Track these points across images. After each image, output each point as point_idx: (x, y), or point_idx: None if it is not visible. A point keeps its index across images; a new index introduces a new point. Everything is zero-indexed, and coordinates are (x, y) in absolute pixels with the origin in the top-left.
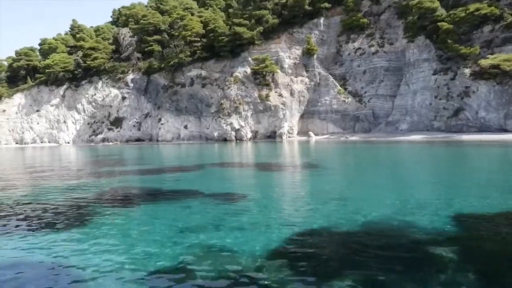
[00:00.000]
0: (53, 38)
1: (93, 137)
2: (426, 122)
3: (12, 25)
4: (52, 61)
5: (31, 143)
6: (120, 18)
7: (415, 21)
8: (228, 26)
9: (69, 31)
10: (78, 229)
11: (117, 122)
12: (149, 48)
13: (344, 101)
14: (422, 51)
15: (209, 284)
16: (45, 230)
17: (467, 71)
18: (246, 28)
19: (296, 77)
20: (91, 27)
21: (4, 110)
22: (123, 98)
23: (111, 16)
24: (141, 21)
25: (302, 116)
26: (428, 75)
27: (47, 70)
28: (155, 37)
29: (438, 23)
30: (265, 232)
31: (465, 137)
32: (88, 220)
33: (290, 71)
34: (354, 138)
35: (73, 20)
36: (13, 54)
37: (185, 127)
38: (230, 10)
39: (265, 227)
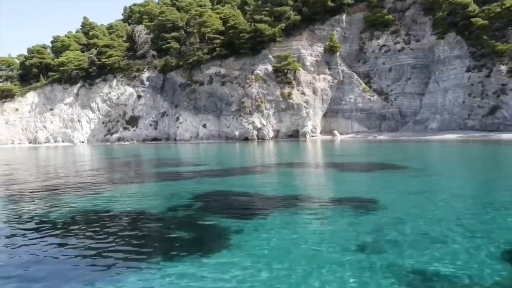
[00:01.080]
0: (65, 36)
1: (108, 136)
2: (458, 120)
3: (18, 23)
4: (66, 59)
5: (45, 142)
6: (133, 16)
7: (445, 17)
8: (249, 23)
9: (80, 28)
10: (215, 253)
11: (133, 121)
12: (167, 45)
13: (370, 99)
14: (453, 47)
15: None
16: (171, 256)
17: (504, 68)
18: (267, 24)
19: (318, 75)
20: (101, 25)
21: (17, 109)
22: (139, 96)
23: (122, 14)
24: (159, 17)
25: (324, 115)
26: (460, 72)
27: (61, 68)
28: (173, 34)
29: (472, 19)
30: (480, 252)
31: (505, 136)
32: (218, 239)
33: (312, 68)
34: (382, 137)
35: (85, 18)
36: (19, 52)
37: (204, 126)
38: (246, 7)
39: (467, 243)
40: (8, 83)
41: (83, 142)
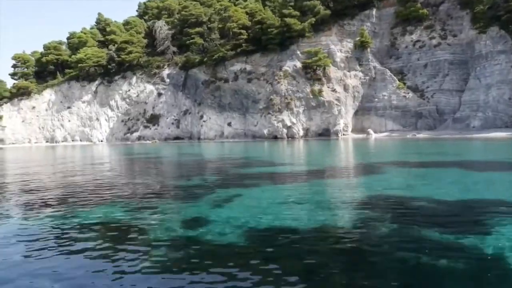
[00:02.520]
0: (81, 32)
1: (128, 135)
2: (504, 118)
3: (29, 21)
4: (85, 55)
5: (62, 141)
6: (150, 12)
7: (485, 11)
8: (277, 18)
9: (95, 25)
10: None
11: (154, 119)
12: (190, 41)
13: (405, 96)
14: (496, 42)
15: None
16: None
17: None
18: (296, 19)
19: (349, 71)
20: (115, 21)
21: (33, 107)
22: (159, 94)
23: (137, 10)
24: (182, 12)
25: (355, 113)
26: (505, 67)
27: (79, 65)
28: (197, 29)
29: None
30: None
31: None
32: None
33: (342, 65)
34: (421, 135)
35: (99, 14)
36: (31, 50)
37: (229, 124)
38: (269, 3)
39: None
40: (23, 80)
41: (101, 141)
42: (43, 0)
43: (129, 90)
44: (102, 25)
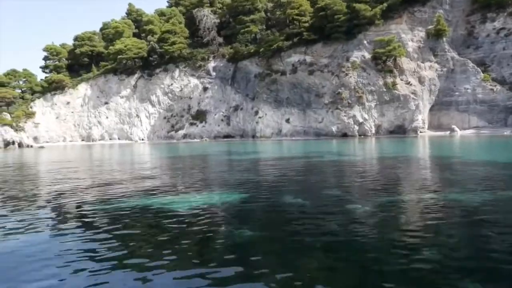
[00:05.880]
0: (116, 22)
1: (172, 133)
2: None
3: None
4: (124, 46)
5: (99, 140)
6: (188, 1)
7: None
8: (344, 3)
9: (126, 16)
10: None
11: (200, 116)
12: (245, 29)
13: (492, 89)
14: None
15: None
16: None
17: None
18: (366, 5)
19: (423, 62)
20: (145, 14)
21: (68, 102)
22: (205, 88)
23: (168, 1)
24: None
25: (430, 108)
26: None
27: (119, 57)
28: (253, 16)
29: None
30: None
31: None
32: None
33: (415, 55)
34: None
35: (130, 4)
36: (50, 43)
37: (287, 121)
38: None
39: None
40: (55, 73)
41: (142, 139)
42: None
43: (171, 84)
44: (134, 16)
